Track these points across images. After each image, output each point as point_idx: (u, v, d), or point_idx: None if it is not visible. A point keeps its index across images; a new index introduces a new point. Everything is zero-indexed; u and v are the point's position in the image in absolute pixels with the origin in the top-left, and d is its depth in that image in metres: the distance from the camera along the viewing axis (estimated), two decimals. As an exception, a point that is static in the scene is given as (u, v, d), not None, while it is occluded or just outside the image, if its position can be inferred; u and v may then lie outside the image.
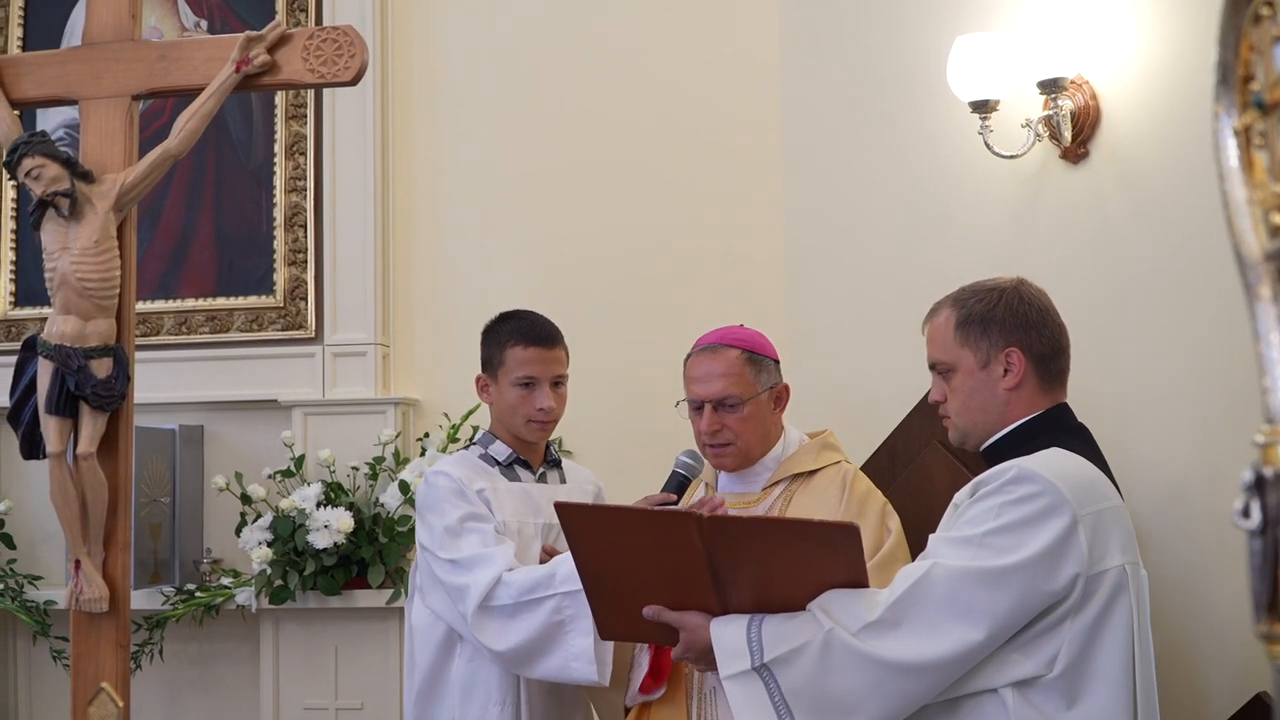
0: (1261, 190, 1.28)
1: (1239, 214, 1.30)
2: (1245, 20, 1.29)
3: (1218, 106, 1.33)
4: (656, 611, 3.11)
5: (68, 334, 3.75)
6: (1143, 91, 3.82)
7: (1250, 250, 1.28)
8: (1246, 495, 1.26)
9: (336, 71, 3.84)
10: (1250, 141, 1.30)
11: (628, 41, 5.74)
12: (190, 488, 5.74)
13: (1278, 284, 1.26)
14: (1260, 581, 1.25)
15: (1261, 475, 1.25)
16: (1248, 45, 1.29)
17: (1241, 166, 1.31)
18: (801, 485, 3.81)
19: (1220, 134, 1.33)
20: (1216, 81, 1.34)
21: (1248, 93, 1.30)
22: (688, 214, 5.63)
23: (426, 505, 3.86)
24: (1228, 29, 1.31)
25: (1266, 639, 1.27)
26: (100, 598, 3.76)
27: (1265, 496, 1.25)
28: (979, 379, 3.15)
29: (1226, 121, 1.32)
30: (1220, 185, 1.33)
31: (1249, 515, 1.26)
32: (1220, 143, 1.33)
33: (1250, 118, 1.30)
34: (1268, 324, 1.26)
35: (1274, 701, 3.24)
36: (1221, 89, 1.33)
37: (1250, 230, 1.28)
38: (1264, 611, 1.26)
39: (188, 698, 5.79)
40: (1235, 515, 1.26)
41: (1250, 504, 1.26)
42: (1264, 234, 1.27)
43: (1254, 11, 1.27)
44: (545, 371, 3.89)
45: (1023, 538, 2.84)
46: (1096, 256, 3.94)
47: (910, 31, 4.71)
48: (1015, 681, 2.86)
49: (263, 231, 5.87)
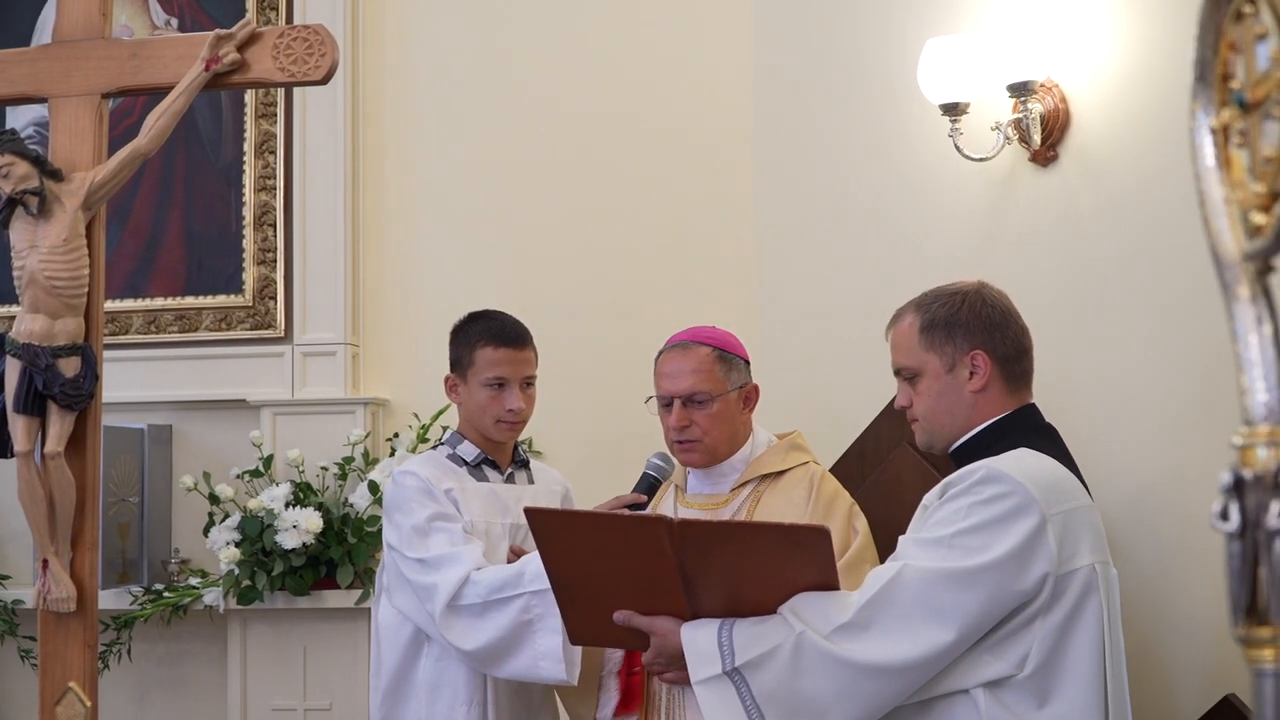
0: (1241, 190, 1.28)
1: (1215, 213, 1.30)
2: (1226, 18, 1.29)
3: (1195, 105, 1.33)
4: (627, 616, 3.10)
5: (36, 332, 3.73)
6: (1112, 95, 3.84)
7: (1227, 250, 1.28)
8: (1225, 497, 1.26)
9: (307, 70, 3.84)
10: (1228, 140, 1.30)
11: (599, 41, 5.74)
12: (158, 487, 5.71)
13: (1256, 284, 1.27)
14: (1239, 585, 1.25)
15: (1240, 477, 1.25)
16: (1227, 43, 1.29)
17: (1219, 165, 1.31)
18: (769, 486, 3.81)
19: (1197, 132, 1.33)
20: (1194, 79, 1.34)
21: (1226, 91, 1.31)
22: (659, 215, 5.63)
23: (394, 505, 3.86)
24: (1207, 26, 1.31)
25: (1244, 642, 1.27)
26: (68, 597, 3.75)
27: (1244, 499, 1.25)
28: (945, 383, 3.16)
29: (1204, 120, 1.32)
30: (1196, 184, 1.33)
31: (1227, 518, 1.26)
32: (1196, 141, 1.33)
33: (1229, 116, 1.30)
34: (1245, 324, 1.26)
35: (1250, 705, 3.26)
36: (1199, 87, 1.33)
37: (1227, 230, 1.28)
38: (1242, 614, 1.26)
39: (155, 698, 5.76)
40: (1213, 518, 1.26)
41: (1229, 506, 1.26)
42: (1242, 234, 1.28)
43: (1235, 9, 1.28)
44: (515, 372, 3.89)
45: (992, 538, 2.85)
46: (1065, 259, 3.96)
47: (881, 34, 4.72)
48: (986, 682, 2.86)
49: (232, 230, 5.85)
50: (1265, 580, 1.23)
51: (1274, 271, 1.28)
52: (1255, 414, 1.25)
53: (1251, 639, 1.26)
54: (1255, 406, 1.25)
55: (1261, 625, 1.25)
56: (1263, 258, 1.26)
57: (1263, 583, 1.23)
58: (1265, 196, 1.25)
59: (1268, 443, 1.25)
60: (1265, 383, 1.24)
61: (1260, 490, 1.24)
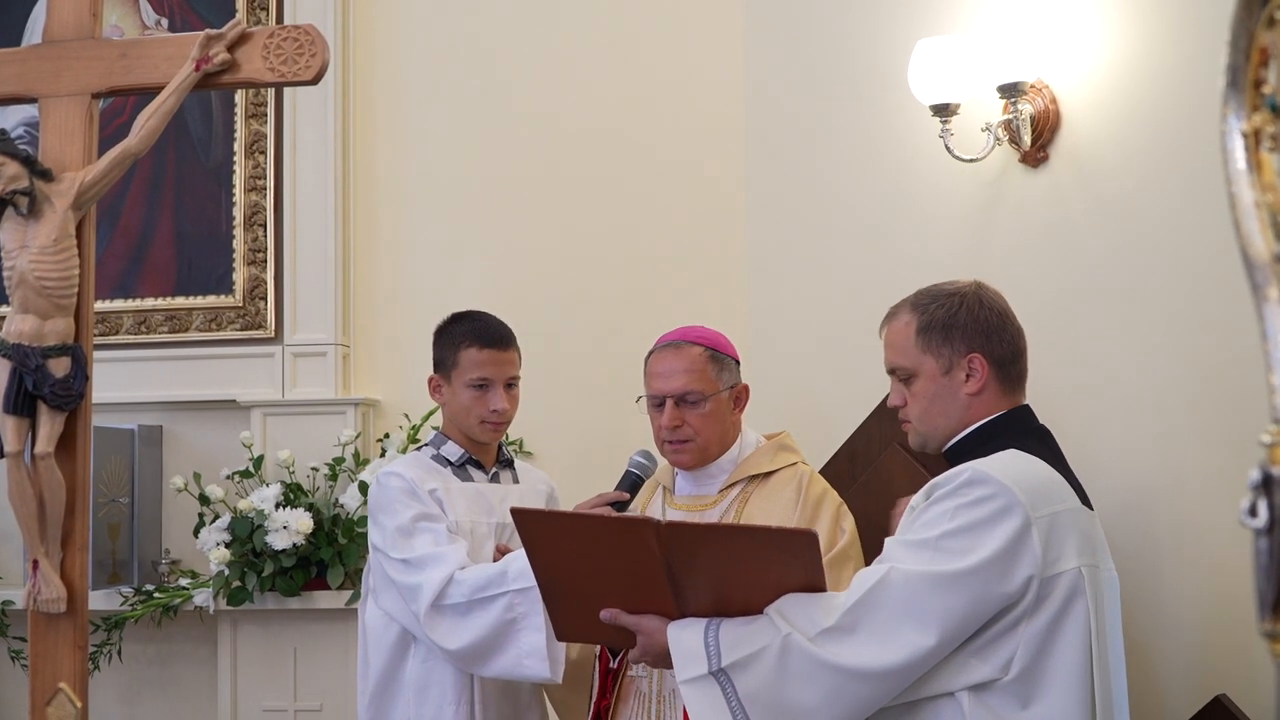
0: (1272, 193, 1.29)
1: (1246, 216, 1.30)
2: (1258, 23, 1.30)
3: (1226, 109, 1.33)
4: (614, 615, 3.10)
5: (26, 333, 3.72)
6: (1102, 96, 3.84)
7: (1258, 252, 1.29)
8: (1254, 494, 1.27)
9: (297, 71, 3.83)
10: (1259, 144, 1.31)
11: (591, 42, 5.74)
12: (149, 488, 5.71)
13: None
14: (1266, 580, 1.25)
15: (1269, 474, 1.26)
16: (1259, 48, 1.29)
17: (1250, 169, 1.31)
18: (758, 487, 3.81)
19: (1228, 136, 1.33)
20: (1225, 84, 1.34)
21: (1258, 96, 1.31)
22: (649, 216, 5.63)
23: (378, 506, 3.86)
24: (1239, 32, 1.32)
25: (1270, 637, 1.27)
26: (58, 598, 3.74)
27: (1272, 495, 1.26)
28: (941, 385, 3.14)
29: (1235, 124, 1.32)
30: (1226, 188, 1.33)
31: (1256, 514, 1.27)
32: (1228, 145, 1.33)
33: (1261, 120, 1.30)
34: (1276, 325, 1.26)
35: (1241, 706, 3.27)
36: (1230, 91, 1.33)
37: (1258, 233, 1.29)
38: (1269, 609, 1.26)
39: (146, 699, 5.75)
40: (1242, 514, 1.26)
41: (1257, 503, 1.27)
42: (1272, 236, 1.28)
43: (1269, 14, 1.28)
44: (499, 373, 3.89)
45: (976, 540, 2.85)
46: (1056, 260, 3.97)
47: (871, 35, 4.72)
48: (971, 685, 2.86)
49: (222, 230, 5.84)
50: (1292, 576, 1.24)
51: (1304, 273, 1.29)
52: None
53: (1277, 634, 1.26)
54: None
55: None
56: (1293, 259, 1.27)
57: (1290, 579, 1.24)
58: (1296, 200, 1.26)
59: (1296, 441, 1.26)
60: (1294, 382, 1.25)
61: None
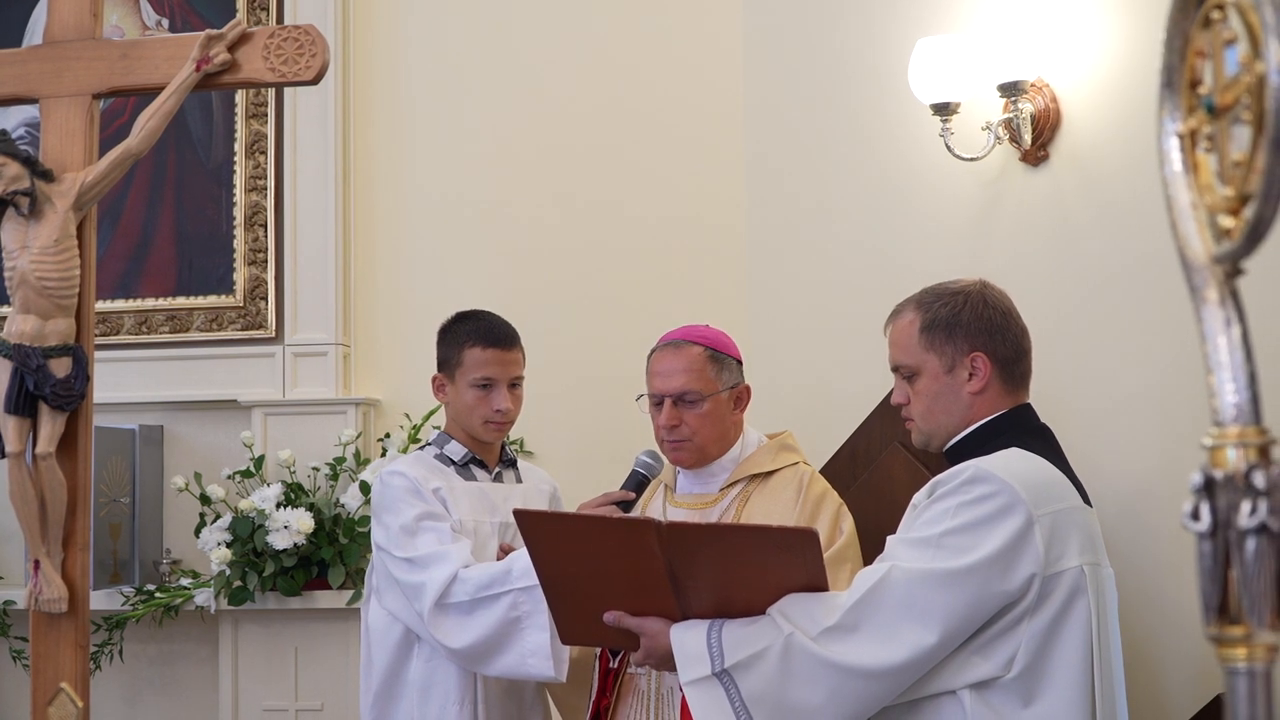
0: (1209, 194, 1.29)
1: (1183, 218, 1.31)
2: (1193, 24, 1.30)
3: (1162, 111, 1.34)
4: (617, 617, 3.10)
5: (27, 333, 3.72)
6: (1103, 95, 3.84)
7: (1195, 254, 1.29)
8: (1196, 498, 1.28)
9: (297, 71, 3.83)
10: (1195, 145, 1.31)
11: (590, 39, 5.75)
12: (150, 488, 5.72)
13: (1224, 287, 1.28)
14: (1210, 584, 1.26)
15: (1210, 478, 1.27)
16: (1195, 50, 1.30)
17: (1186, 170, 1.32)
18: (758, 486, 3.82)
19: (1164, 138, 1.34)
20: (1161, 85, 1.34)
21: (1194, 96, 1.31)
22: (649, 214, 5.64)
23: (382, 505, 3.86)
24: (1174, 33, 1.32)
25: (1217, 641, 1.28)
26: (59, 598, 3.74)
27: (1214, 499, 1.26)
28: (944, 383, 3.15)
29: (1170, 126, 1.33)
30: (1163, 189, 1.34)
31: (1198, 518, 1.27)
32: (1163, 147, 1.34)
33: (1196, 121, 1.31)
34: (1215, 327, 1.27)
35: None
36: (1166, 93, 1.34)
37: (1195, 234, 1.30)
38: (1214, 614, 1.27)
39: (147, 698, 5.76)
40: (1185, 518, 1.27)
41: (1200, 506, 1.27)
42: (1210, 237, 1.29)
43: (1204, 15, 1.28)
44: (503, 373, 3.89)
45: (978, 538, 2.85)
46: (1056, 259, 3.96)
47: (872, 33, 4.72)
48: (973, 683, 2.87)
49: (223, 231, 5.85)
50: (1236, 580, 1.24)
51: (1243, 274, 1.29)
52: (1225, 415, 1.26)
53: (1223, 638, 1.27)
54: (1225, 408, 1.26)
55: (1233, 624, 1.26)
56: (1231, 261, 1.27)
57: (1234, 582, 1.24)
58: (1234, 200, 1.26)
59: (1237, 444, 1.26)
60: (1234, 384, 1.26)
61: (1230, 491, 1.25)
